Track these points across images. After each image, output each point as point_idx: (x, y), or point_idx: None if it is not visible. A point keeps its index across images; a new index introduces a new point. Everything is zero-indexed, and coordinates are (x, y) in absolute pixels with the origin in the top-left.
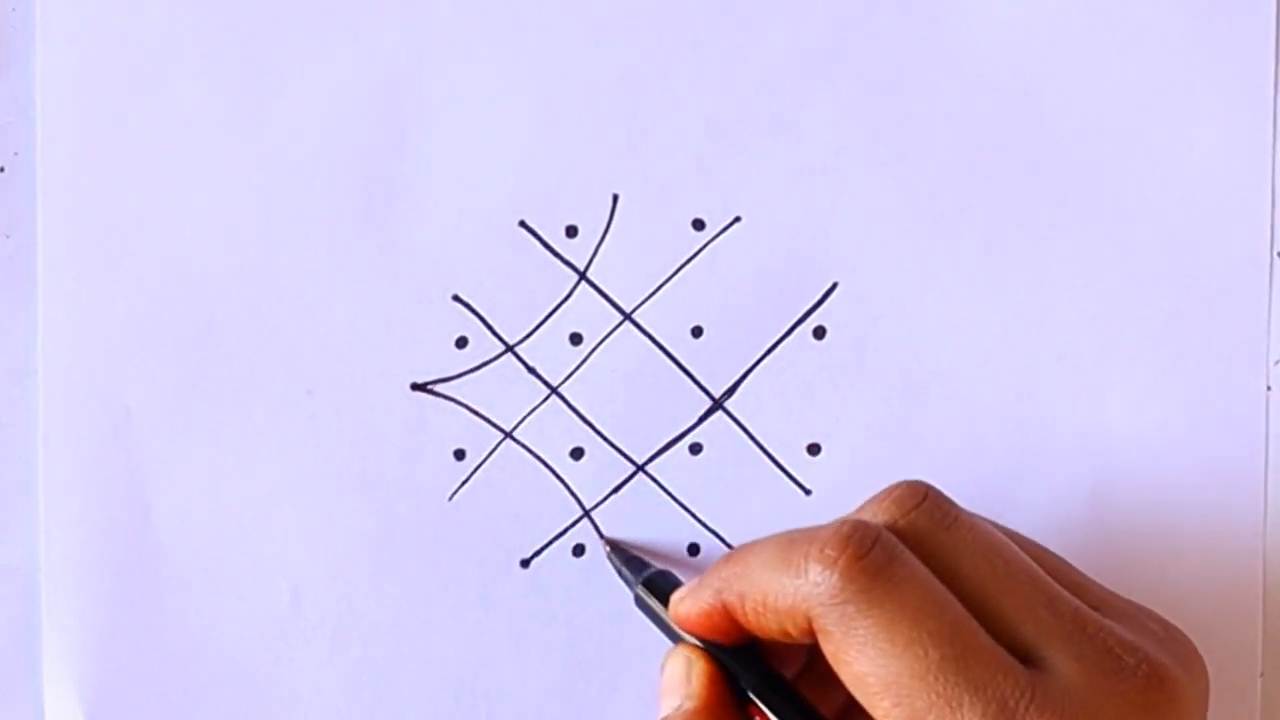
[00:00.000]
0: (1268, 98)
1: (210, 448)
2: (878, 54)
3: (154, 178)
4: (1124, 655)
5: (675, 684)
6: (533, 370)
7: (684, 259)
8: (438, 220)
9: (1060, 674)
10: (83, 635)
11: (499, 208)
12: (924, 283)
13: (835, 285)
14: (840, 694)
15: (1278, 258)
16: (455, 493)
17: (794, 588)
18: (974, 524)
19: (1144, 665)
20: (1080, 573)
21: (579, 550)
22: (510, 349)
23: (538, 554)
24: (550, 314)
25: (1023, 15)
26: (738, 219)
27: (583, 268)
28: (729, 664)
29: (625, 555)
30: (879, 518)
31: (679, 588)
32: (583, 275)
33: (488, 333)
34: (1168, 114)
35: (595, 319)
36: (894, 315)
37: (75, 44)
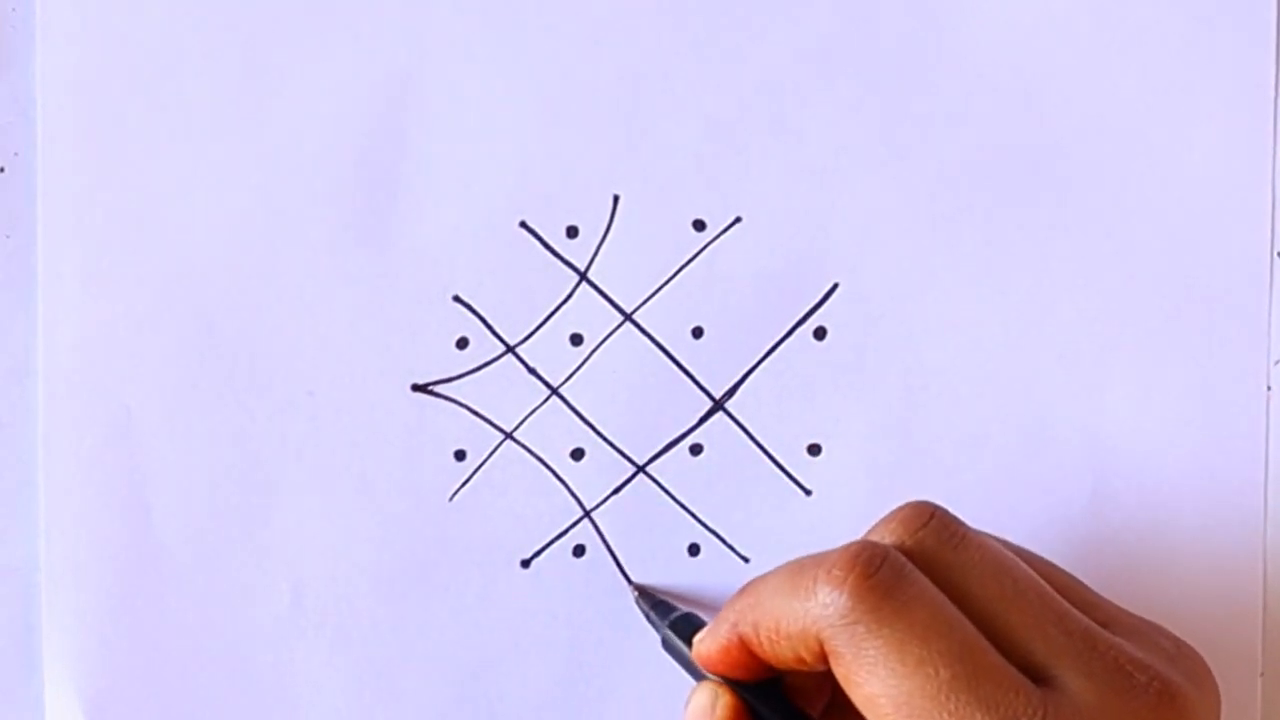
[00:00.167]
0: (1268, 97)
1: (211, 448)
2: (878, 54)
3: (154, 178)
4: (1135, 673)
5: (699, 717)
6: (533, 371)
7: (684, 259)
8: (438, 221)
9: (1071, 692)
10: (83, 635)
11: (499, 208)
12: (925, 283)
13: (836, 286)
14: None
15: (1278, 258)
16: (456, 493)
17: (803, 611)
18: (982, 542)
19: (1155, 683)
20: (1090, 590)
21: (579, 551)
22: (511, 350)
23: (538, 554)
24: (551, 314)
25: (1023, 15)
26: (738, 219)
27: (583, 268)
28: (753, 701)
29: (652, 599)
30: (887, 539)
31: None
32: (583, 276)
33: (488, 333)
34: (1168, 114)
35: (596, 320)
36: (895, 316)
37: (75, 44)
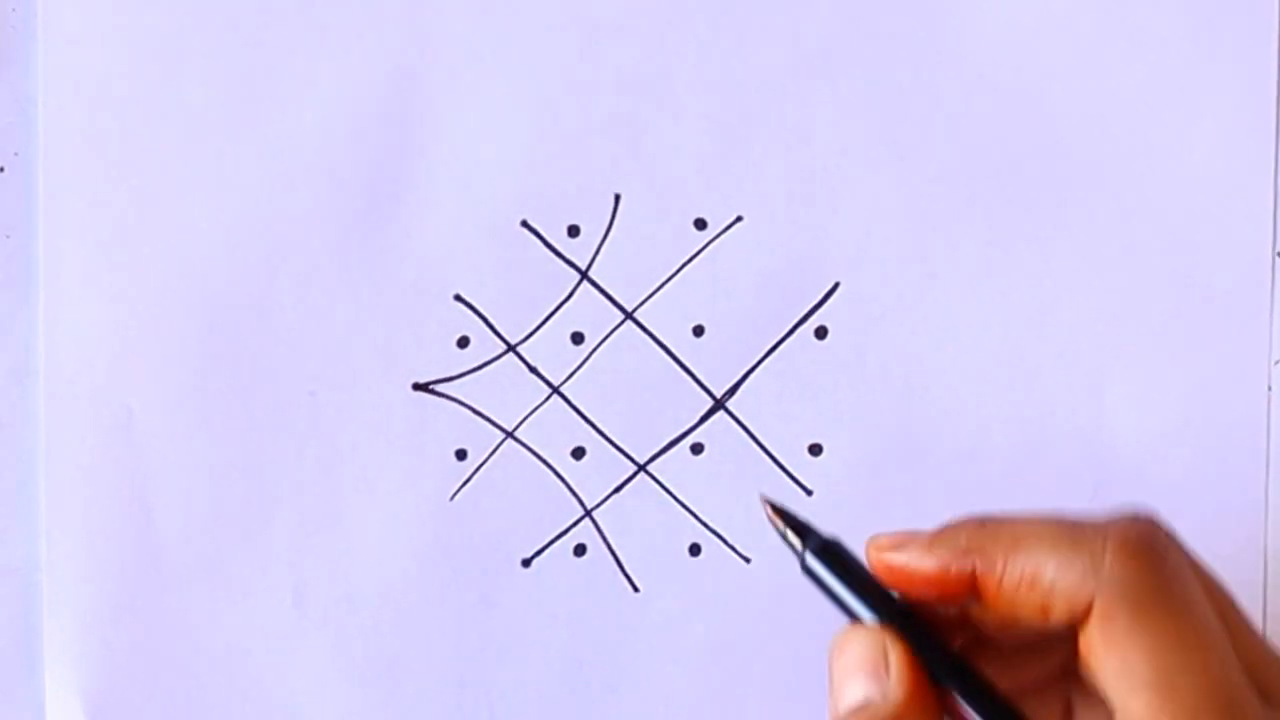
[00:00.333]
0: (1270, 97)
1: (212, 448)
2: (880, 54)
3: (155, 177)
4: None
5: (868, 669)
6: (534, 370)
7: (686, 259)
8: (439, 220)
9: None
10: (84, 635)
11: (501, 208)
12: (925, 283)
13: (837, 285)
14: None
15: (1278, 258)
16: (457, 492)
17: (1087, 569)
18: (1209, 575)
19: None
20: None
21: (580, 550)
22: (512, 349)
23: (539, 554)
24: (552, 314)
25: (1024, 15)
26: (739, 219)
27: (584, 267)
28: (924, 642)
29: (790, 518)
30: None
31: (879, 535)
32: (584, 275)
33: (489, 332)
34: (1169, 115)
35: (597, 318)
36: (895, 315)
37: (77, 43)
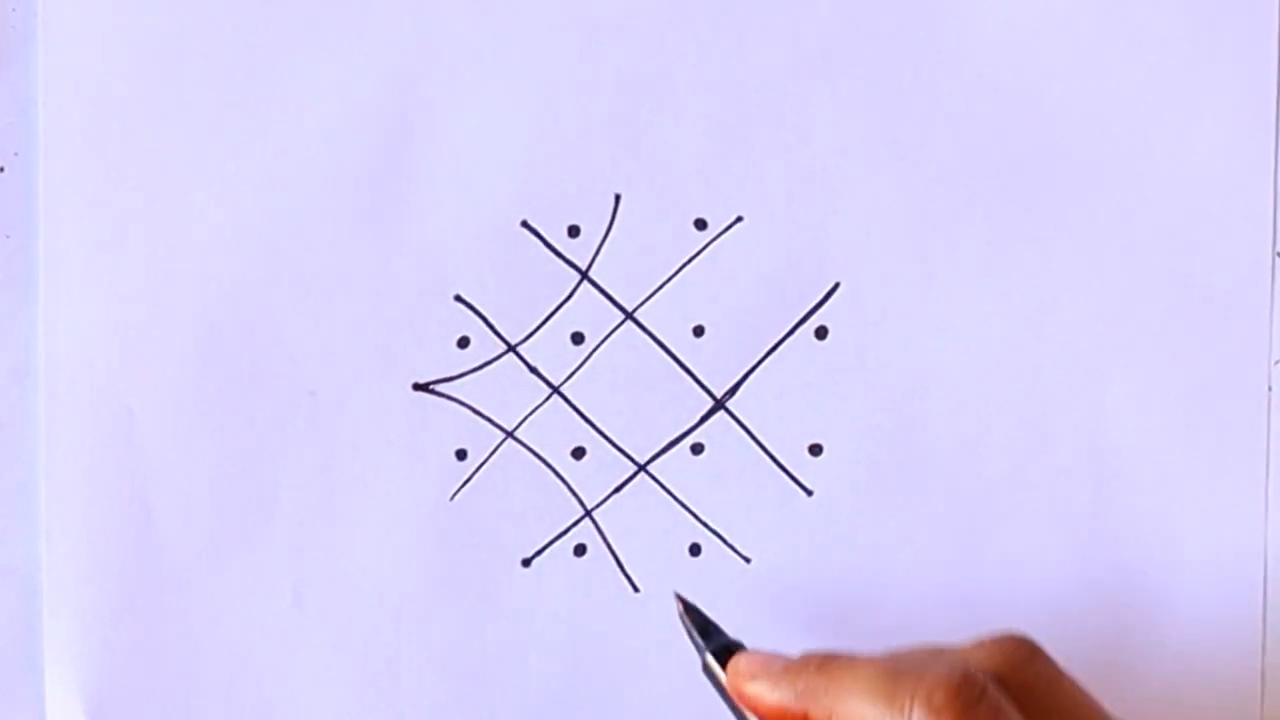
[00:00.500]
0: (1270, 97)
1: (212, 448)
2: (880, 54)
3: (156, 177)
4: None
5: None
6: (534, 370)
7: (686, 259)
8: (440, 220)
9: None
10: (84, 635)
11: (501, 208)
12: (926, 283)
13: (837, 285)
14: None
15: (1278, 258)
16: (457, 492)
17: None
18: (1073, 691)
19: None
20: None
21: (580, 550)
22: (512, 349)
23: (539, 553)
24: (552, 314)
25: (1024, 15)
26: (740, 219)
27: (585, 267)
28: None
29: (699, 619)
30: (985, 665)
31: (743, 654)
32: (584, 275)
33: (489, 333)
34: (1169, 114)
35: (597, 319)
36: (896, 315)
37: (77, 43)
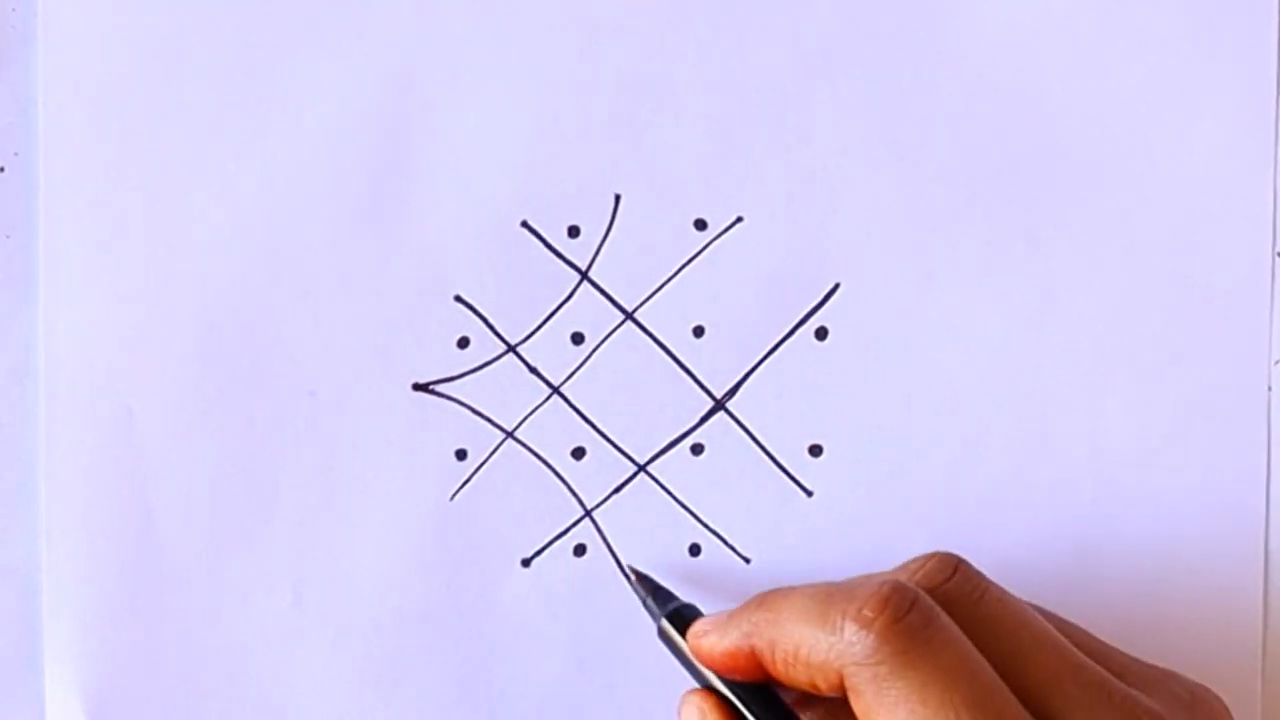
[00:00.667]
0: (1270, 97)
1: (212, 448)
2: (880, 54)
3: (155, 177)
4: None
5: None
6: (534, 370)
7: (686, 259)
8: (439, 220)
9: None
10: (84, 636)
11: (501, 208)
12: (926, 283)
13: (837, 286)
14: None
15: (1278, 258)
16: (456, 493)
17: (828, 644)
18: (1002, 596)
19: None
20: (1103, 642)
21: (580, 550)
22: (512, 349)
23: (539, 554)
24: (552, 314)
25: (1024, 15)
26: (740, 219)
27: (584, 268)
28: (748, 706)
29: (651, 585)
30: (915, 582)
31: (700, 619)
32: (584, 275)
33: (489, 333)
34: (1169, 114)
35: (597, 319)
36: (896, 316)
37: (77, 43)
